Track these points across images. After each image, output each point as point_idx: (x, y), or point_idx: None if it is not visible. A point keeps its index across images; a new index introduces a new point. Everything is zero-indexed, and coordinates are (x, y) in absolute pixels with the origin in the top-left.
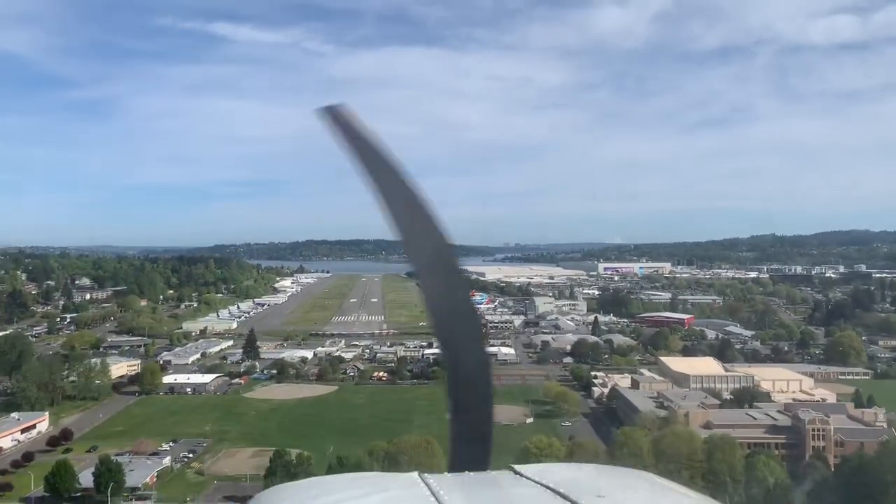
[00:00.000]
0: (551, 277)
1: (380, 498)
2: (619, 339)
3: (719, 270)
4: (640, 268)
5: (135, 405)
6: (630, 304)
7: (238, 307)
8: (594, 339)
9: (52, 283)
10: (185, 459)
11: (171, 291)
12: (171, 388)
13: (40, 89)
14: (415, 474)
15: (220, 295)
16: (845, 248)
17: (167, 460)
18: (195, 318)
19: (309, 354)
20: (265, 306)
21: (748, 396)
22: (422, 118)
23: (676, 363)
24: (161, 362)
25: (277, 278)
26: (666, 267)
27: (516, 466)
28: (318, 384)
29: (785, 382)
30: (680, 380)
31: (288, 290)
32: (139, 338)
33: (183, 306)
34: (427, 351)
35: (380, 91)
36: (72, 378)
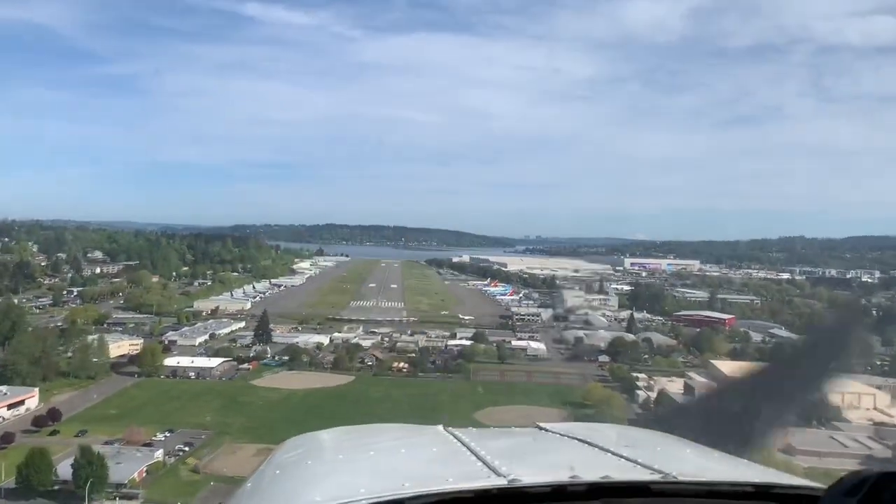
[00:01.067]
0: (576, 270)
1: (410, 444)
2: (658, 339)
3: (750, 270)
4: (669, 264)
5: (133, 387)
6: (664, 300)
7: (254, 287)
8: (631, 337)
9: (63, 255)
10: (181, 453)
11: (186, 268)
12: (174, 371)
13: (70, 63)
14: (440, 427)
15: (236, 274)
16: (880, 252)
17: (159, 454)
18: (208, 297)
19: (325, 340)
20: (282, 287)
21: (817, 412)
22: (447, 105)
23: (730, 368)
24: (166, 342)
25: (296, 260)
26: (695, 264)
27: (541, 424)
28: (332, 373)
29: (855, 396)
30: None
31: (306, 271)
32: (146, 315)
33: (196, 284)
34: (451, 342)
35: (407, 77)
36: (68, 354)
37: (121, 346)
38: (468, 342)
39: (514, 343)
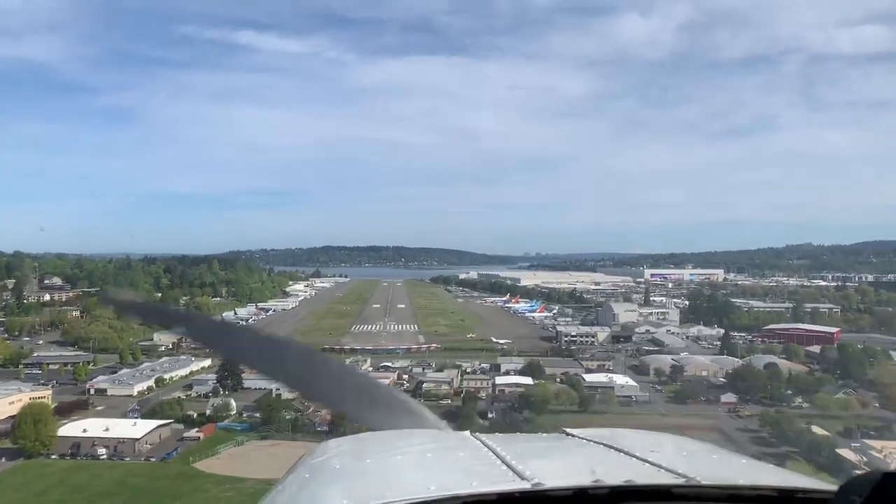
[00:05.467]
0: (596, 283)
1: (437, 448)
2: (781, 364)
3: (780, 278)
4: (691, 274)
5: None
6: (732, 312)
7: (235, 313)
8: (753, 365)
9: (12, 281)
10: None
11: (159, 294)
12: (76, 447)
13: (64, 97)
14: (467, 433)
15: (218, 299)
16: None
17: None
18: None
19: None
20: (270, 312)
21: None
22: (443, 127)
23: None
24: (92, 392)
25: (290, 282)
26: (719, 274)
27: (567, 429)
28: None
29: None
30: None
31: (300, 293)
32: (83, 352)
33: None
34: (499, 380)
35: (401, 100)
36: None
37: (15, 402)
38: (524, 379)
39: (589, 378)
